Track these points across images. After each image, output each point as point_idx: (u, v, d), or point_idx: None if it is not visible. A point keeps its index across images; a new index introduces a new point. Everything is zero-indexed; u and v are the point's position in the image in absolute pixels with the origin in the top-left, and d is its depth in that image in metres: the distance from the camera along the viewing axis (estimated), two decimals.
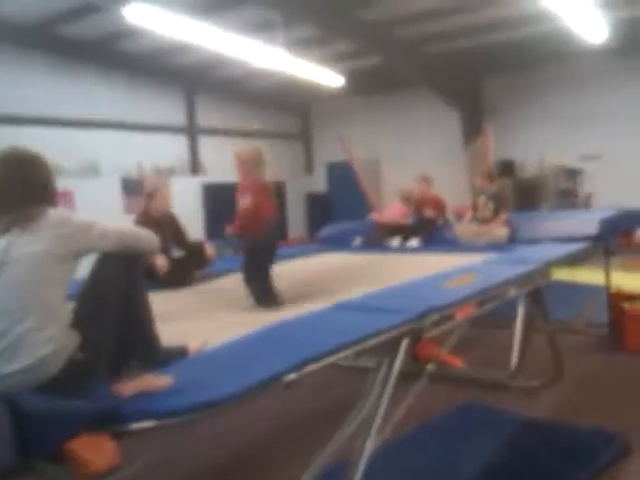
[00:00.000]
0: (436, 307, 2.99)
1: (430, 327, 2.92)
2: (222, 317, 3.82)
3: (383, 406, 2.77)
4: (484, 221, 6.56)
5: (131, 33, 10.58)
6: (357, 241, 7.13)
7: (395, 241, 6.90)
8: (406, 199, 7.31)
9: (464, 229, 6.70)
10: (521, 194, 12.61)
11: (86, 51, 11.52)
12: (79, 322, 2.16)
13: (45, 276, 2.07)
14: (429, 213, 7.17)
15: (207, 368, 2.36)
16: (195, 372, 2.30)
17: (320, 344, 2.42)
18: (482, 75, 13.60)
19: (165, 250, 5.48)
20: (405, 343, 2.82)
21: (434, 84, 12.63)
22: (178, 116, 13.86)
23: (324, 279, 5.12)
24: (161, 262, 5.08)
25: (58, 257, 2.11)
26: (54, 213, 2.15)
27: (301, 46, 10.87)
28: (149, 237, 2.43)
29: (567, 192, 13.07)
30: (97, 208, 10.89)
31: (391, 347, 2.82)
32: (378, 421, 2.74)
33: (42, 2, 9.50)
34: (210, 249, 5.62)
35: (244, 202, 4.59)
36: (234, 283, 5.31)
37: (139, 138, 12.78)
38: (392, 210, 7.49)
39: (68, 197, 11.17)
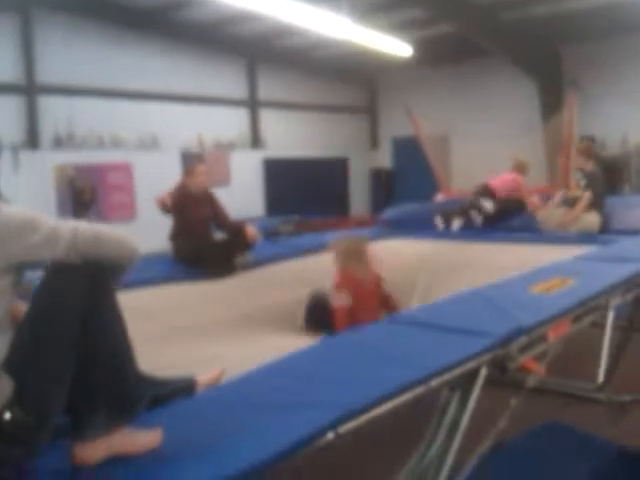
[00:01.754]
0: (525, 327, 2.39)
1: (517, 354, 2.33)
2: (257, 336, 3.32)
3: (454, 449, 2.22)
4: (575, 202, 5.87)
5: (191, 2, 10.17)
6: (455, 224, 6.43)
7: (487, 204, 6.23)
8: (521, 169, 6.74)
9: (550, 215, 6.03)
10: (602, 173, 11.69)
11: (144, 20, 11.14)
12: (16, 363, 1.51)
13: None
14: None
15: (219, 414, 1.78)
16: (201, 420, 1.74)
17: (372, 386, 1.86)
18: (562, 44, 12.63)
19: (205, 229, 5.16)
20: (483, 374, 2.25)
21: (510, 54, 11.79)
22: (239, 88, 13.41)
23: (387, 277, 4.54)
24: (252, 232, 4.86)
25: None
26: None
27: (367, 13, 10.26)
28: (127, 241, 1.72)
29: None
30: (156, 181, 10.63)
31: (465, 377, 2.25)
32: (447, 467, 2.20)
33: None
34: (252, 231, 5.19)
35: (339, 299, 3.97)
36: (279, 273, 4.88)
37: (199, 111, 12.40)
38: (506, 178, 6.81)
39: (127, 170, 10.97)
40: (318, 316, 4.01)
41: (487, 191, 6.52)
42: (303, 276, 4.79)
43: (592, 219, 5.62)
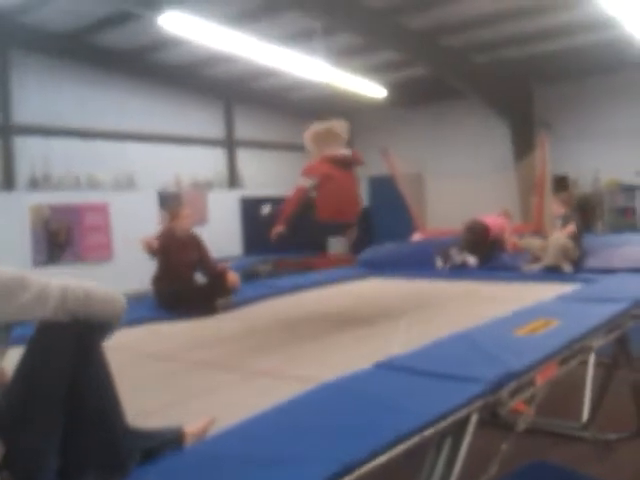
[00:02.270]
0: (514, 372, 2.40)
1: (507, 399, 2.34)
2: (241, 363, 3.29)
3: None
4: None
5: (167, 43, 10.24)
6: (439, 263, 6.47)
7: (472, 260, 6.33)
8: (507, 216, 6.92)
9: (530, 242, 6.19)
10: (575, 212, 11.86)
11: (121, 61, 11.20)
12: (4, 426, 1.47)
13: None
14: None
15: (211, 471, 1.71)
16: (193, 476, 1.69)
17: (365, 438, 1.84)
18: (533, 85, 12.90)
19: (189, 274, 5.16)
20: (474, 420, 2.24)
21: (482, 94, 12.01)
22: (216, 128, 13.48)
23: (362, 315, 4.56)
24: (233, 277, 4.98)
25: None
26: None
27: (342, 56, 10.42)
28: (117, 298, 1.71)
29: (624, 210, 12.28)
30: (133, 222, 10.61)
31: (457, 424, 2.24)
32: None
33: (75, 10, 9.17)
34: (233, 276, 5.22)
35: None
36: (259, 313, 4.90)
37: (176, 151, 12.42)
38: (494, 219, 6.94)
39: (103, 210, 10.91)
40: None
41: (480, 229, 6.62)
42: (281, 313, 4.82)
43: (568, 245, 5.85)
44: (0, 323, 1.52)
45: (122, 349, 1.62)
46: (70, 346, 1.56)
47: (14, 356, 1.59)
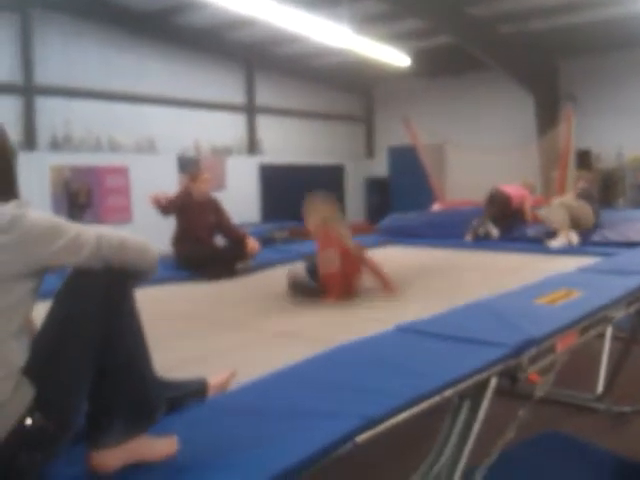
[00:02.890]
0: (535, 339, 2.40)
1: (527, 364, 2.34)
2: (260, 324, 3.30)
3: (464, 457, 2.22)
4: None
5: (190, 6, 10.16)
6: (468, 237, 6.44)
7: (494, 231, 6.32)
8: (529, 187, 6.89)
9: (550, 211, 6.19)
10: (597, 187, 11.75)
11: (144, 24, 11.13)
12: (36, 369, 1.49)
13: None
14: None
15: (236, 422, 1.75)
16: (217, 427, 1.72)
17: (388, 396, 1.85)
18: (559, 58, 12.71)
19: (209, 236, 5.19)
20: (494, 384, 2.25)
21: (507, 66, 11.84)
22: (237, 94, 13.41)
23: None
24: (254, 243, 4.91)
25: (7, 276, 1.46)
26: (8, 211, 1.48)
27: (366, 23, 10.28)
28: (150, 248, 1.68)
29: None
30: (152, 185, 10.62)
31: (476, 387, 2.25)
32: (458, 476, 2.20)
33: None
34: (252, 242, 5.23)
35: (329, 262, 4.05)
36: (278, 277, 4.92)
37: (196, 115, 12.39)
38: (515, 188, 6.89)
39: (123, 173, 10.96)
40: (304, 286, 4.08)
41: (502, 199, 6.56)
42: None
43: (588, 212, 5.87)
44: (35, 269, 1.52)
45: (142, 308, 1.64)
46: (103, 293, 1.56)
47: (44, 309, 1.61)
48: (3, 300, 1.46)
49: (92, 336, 1.53)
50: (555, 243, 5.81)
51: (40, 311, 1.63)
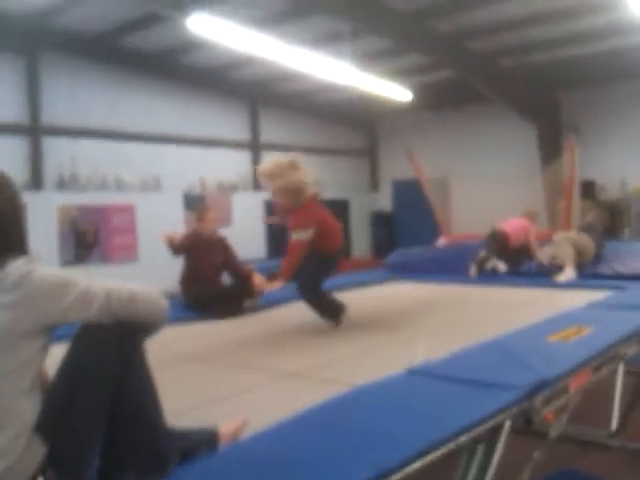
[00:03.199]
0: (548, 380, 2.37)
1: (541, 406, 2.31)
2: (270, 364, 3.29)
3: None
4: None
5: (194, 46, 10.30)
6: (472, 270, 6.42)
7: (502, 266, 6.30)
8: (531, 218, 6.87)
9: (547, 250, 6.15)
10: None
11: (148, 63, 11.28)
12: (48, 425, 1.48)
13: None
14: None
15: (248, 473, 1.72)
16: (229, 479, 1.69)
17: (403, 443, 1.83)
18: (561, 90, 12.81)
19: (216, 275, 5.20)
20: (507, 427, 2.22)
21: (509, 99, 11.93)
22: (241, 131, 13.53)
23: (390, 320, 4.54)
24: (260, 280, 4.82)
25: (17, 334, 1.45)
26: (16, 268, 1.47)
27: (369, 59, 10.42)
28: (160, 300, 1.70)
29: None
30: (158, 223, 10.68)
31: (489, 430, 2.22)
32: None
33: (103, 13, 9.26)
34: (259, 279, 5.19)
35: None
36: (286, 315, 4.91)
37: (202, 153, 12.49)
38: (517, 224, 6.86)
39: (129, 211, 11.01)
40: None
41: (500, 238, 6.55)
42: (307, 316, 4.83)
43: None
44: (44, 326, 1.52)
45: (151, 350, 1.63)
46: (113, 347, 1.56)
47: (56, 353, 1.61)
48: (14, 357, 1.46)
49: (103, 390, 1.53)
50: (562, 278, 5.80)
51: (53, 356, 1.62)
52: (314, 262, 4.38)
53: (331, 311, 4.40)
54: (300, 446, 1.88)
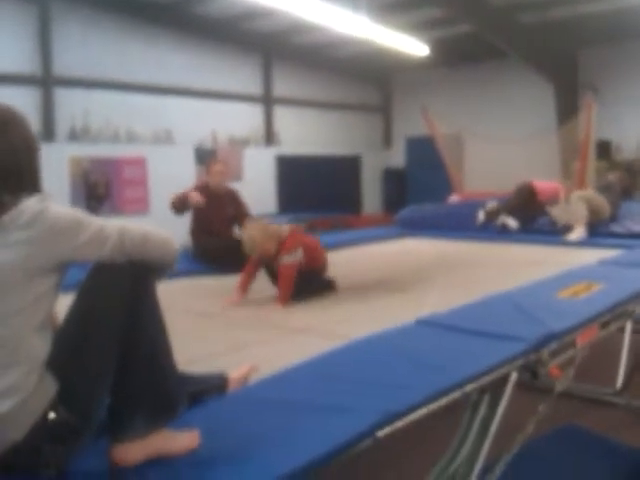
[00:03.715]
0: (556, 333, 2.38)
1: (548, 359, 2.32)
2: (279, 318, 3.29)
3: (484, 452, 2.21)
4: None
5: None
6: (481, 215, 6.41)
7: (512, 223, 6.24)
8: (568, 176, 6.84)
9: (562, 210, 6.07)
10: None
11: (161, 14, 11.13)
12: (59, 362, 1.50)
13: (9, 299, 1.44)
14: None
15: (257, 415, 1.76)
16: (236, 422, 1.72)
17: (408, 391, 1.84)
18: (579, 48, 12.57)
19: (227, 228, 5.17)
20: (514, 378, 2.24)
21: (526, 55, 11.73)
22: (254, 84, 13.40)
23: (400, 275, 4.54)
24: (194, 195, 4.86)
25: (30, 271, 1.46)
26: (30, 206, 1.47)
27: (384, 12, 10.22)
28: (171, 242, 1.69)
29: None
30: (169, 176, 10.70)
31: (497, 381, 2.23)
32: (477, 470, 2.19)
33: None
34: None
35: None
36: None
37: (214, 106, 12.39)
38: (551, 185, 6.80)
39: (141, 164, 11.00)
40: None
41: (527, 191, 6.48)
42: None
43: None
44: (58, 264, 1.53)
45: (161, 302, 1.65)
46: (125, 287, 1.57)
47: (66, 302, 1.62)
48: (27, 294, 1.47)
49: (115, 329, 1.54)
50: (573, 236, 5.76)
51: (63, 304, 1.64)
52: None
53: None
54: (308, 391, 1.90)
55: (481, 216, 6.38)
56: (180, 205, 5.16)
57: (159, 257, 1.66)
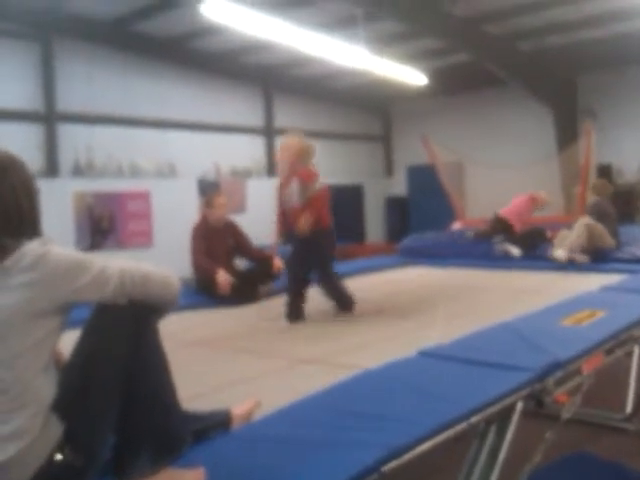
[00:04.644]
0: (561, 362, 2.37)
1: (553, 387, 2.31)
2: (284, 351, 3.30)
3: None
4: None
5: (208, 31, 10.27)
6: (470, 232, 6.52)
7: (515, 250, 6.29)
8: (534, 200, 6.86)
9: (563, 238, 6.04)
10: (618, 202, 11.61)
11: (162, 49, 11.27)
12: (64, 404, 1.51)
13: (12, 341, 1.45)
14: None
15: (261, 452, 1.75)
16: (241, 459, 1.71)
17: (414, 424, 1.84)
18: (577, 73, 12.67)
19: (228, 261, 5.18)
20: (520, 408, 2.23)
21: (525, 83, 11.82)
22: (255, 116, 13.51)
23: (404, 305, 4.54)
24: (224, 279, 4.75)
25: (33, 313, 1.47)
26: (32, 249, 1.50)
27: (383, 43, 10.34)
28: (173, 281, 1.71)
29: None
30: (173, 209, 10.75)
31: (503, 412, 2.23)
32: None
33: None
34: (278, 261, 5.21)
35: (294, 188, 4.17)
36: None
37: (216, 139, 12.49)
38: (515, 202, 6.87)
39: (145, 197, 11.06)
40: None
41: (502, 224, 6.57)
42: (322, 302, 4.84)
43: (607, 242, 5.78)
44: (60, 306, 1.54)
45: (165, 335, 1.65)
46: (128, 328, 1.59)
47: (71, 338, 1.63)
48: (31, 337, 1.48)
49: (118, 369, 1.55)
50: (560, 253, 5.76)
51: (68, 340, 1.65)
52: (323, 241, 4.50)
53: (346, 298, 4.42)
54: (312, 426, 1.90)
55: (471, 235, 6.52)
56: (204, 277, 5.10)
57: (160, 296, 1.67)
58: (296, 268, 4.53)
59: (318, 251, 4.46)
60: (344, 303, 4.42)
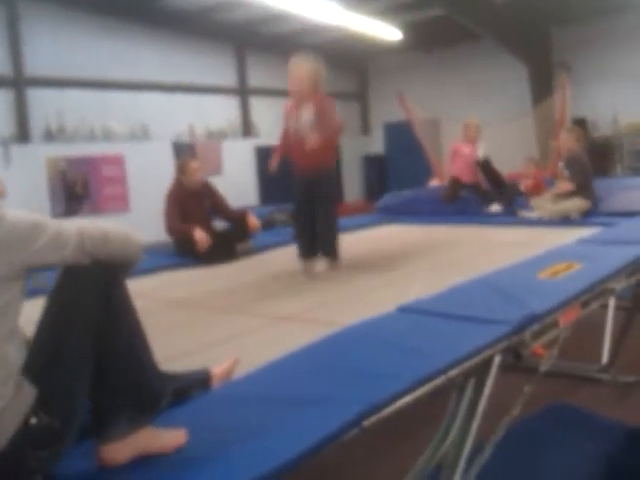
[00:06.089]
0: (538, 315, 2.40)
1: (530, 340, 2.34)
2: (261, 309, 3.31)
3: (471, 436, 2.23)
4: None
5: None
6: (494, 207, 6.51)
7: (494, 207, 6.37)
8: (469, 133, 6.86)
9: (542, 203, 6.05)
10: (593, 156, 11.66)
11: (132, 9, 10.97)
12: (35, 369, 1.49)
13: None
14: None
15: (241, 411, 1.76)
16: (222, 418, 1.72)
17: (393, 379, 1.86)
18: (552, 26, 12.60)
19: (206, 223, 5.16)
20: (497, 361, 2.26)
21: (500, 37, 11.74)
22: (229, 76, 13.31)
23: (381, 262, 4.56)
24: (201, 236, 4.74)
25: None
26: None
27: None
28: (134, 238, 1.69)
29: None
30: (148, 172, 10.62)
31: (480, 365, 2.25)
32: (466, 453, 2.21)
33: None
34: (253, 219, 5.21)
35: (307, 115, 4.16)
36: (279, 259, 4.92)
37: (189, 100, 12.30)
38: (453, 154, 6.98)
39: (119, 161, 10.91)
40: None
41: (456, 183, 6.71)
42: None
43: (573, 204, 5.74)
44: (20, 270, 1.51)
45: (142, 296, 1.63)
46: (95, 286, 1.56)
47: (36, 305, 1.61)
48: (1, 300, 1.45)
49: (89, 330, 1.53)
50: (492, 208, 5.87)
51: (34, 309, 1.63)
52: (330, 183, 4.53)
53: (336, 248, 4.40)
54: (292, 384, 1.91)
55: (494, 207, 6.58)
56: (181, 237, 5.08)
57: (122, 254, 1.65)
58: (302, 205, 4.47)
59: (324, 190, 4.40)
60: (333, 251, 4.38)
